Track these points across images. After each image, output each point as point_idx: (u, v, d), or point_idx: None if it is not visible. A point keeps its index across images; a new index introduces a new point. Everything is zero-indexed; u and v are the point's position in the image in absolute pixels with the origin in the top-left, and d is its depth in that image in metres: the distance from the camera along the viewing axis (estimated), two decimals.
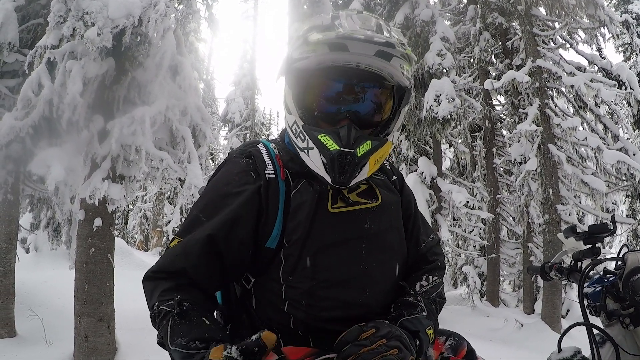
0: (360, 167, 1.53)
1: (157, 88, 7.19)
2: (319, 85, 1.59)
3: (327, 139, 1.49)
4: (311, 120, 1.58)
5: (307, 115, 1.59)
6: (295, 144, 1.60)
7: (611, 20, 13.19)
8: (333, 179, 1.50)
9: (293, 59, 1.61)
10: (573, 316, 14.17)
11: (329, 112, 1.58)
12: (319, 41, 1.52)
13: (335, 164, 1.48)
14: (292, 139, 1.61)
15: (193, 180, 7.70)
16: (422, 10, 13.33)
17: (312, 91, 1.59)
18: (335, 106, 1.57)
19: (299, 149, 1.58)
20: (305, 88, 1.60)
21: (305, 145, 1.55)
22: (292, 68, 1.60)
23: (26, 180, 8.16)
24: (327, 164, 1.50)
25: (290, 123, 1.62)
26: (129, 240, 27.80)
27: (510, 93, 14.86)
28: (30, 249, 14.24)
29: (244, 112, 24.53)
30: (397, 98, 1.63)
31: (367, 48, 1.50)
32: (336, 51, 1.51)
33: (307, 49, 1.57)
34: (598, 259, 2.00)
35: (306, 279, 1.51)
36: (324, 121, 1.57)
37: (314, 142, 1.52)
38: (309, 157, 1.55)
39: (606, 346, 1.84)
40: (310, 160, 1.55)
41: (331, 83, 1.58)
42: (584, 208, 13.92)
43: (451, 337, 1.85)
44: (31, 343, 8.22)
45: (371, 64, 1.53)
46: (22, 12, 8.33)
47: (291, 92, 1.61)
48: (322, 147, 1.50)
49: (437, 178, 13.56)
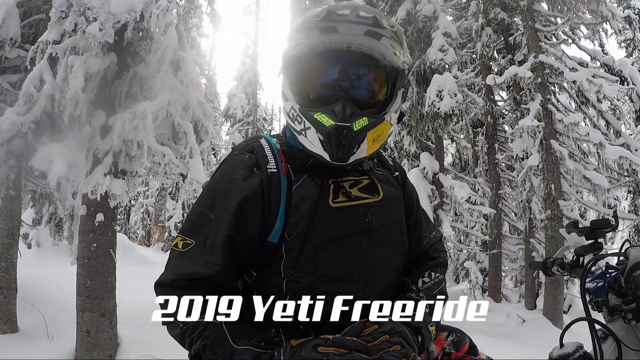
0: (359, 143, 1.52)
1: (159, 83, 7.19)
2: (313, 69, 1.59)
3: (322, 117, 1.50)
4: (307, 104, 1.58)
5: (304, 100, 1.59)
6: (294, 129, 1.60)
7: (613, 15, 13.18)
8: (331, 155, 1.50)
9: (287, 48, 1.65)
10: (575, 312, 14.20)
11: (325, 94, 1.58)
12: (309, 26, 1.56)
13: (332, 139, 1.48)
14: (290, 124, 1.62)
15: (195, 176, 7.71)
16: (424, 5, 13.31)
17: (307, 76, 1.60)
18: (330, 88, 1.57)
19: (297, 133, 1.58)
20: (300, 74, 1.60)
21: (303, 127, 1.55)
22: (287, 57, 1.61)
23: (28, 176, 8.16)
24: (324, 140, 1.50)
25: (288, 109, 1.62)
26: (131, 235, 27.89)
27: (513, 88, 14.85)
28: (32, 245, 14.26)
29: (246, 107, 24.50)
30: (391, 79, 1.62)
31: (356, 28, 1.53)
32: (327, 33, 1.54)
33: (300, 36, 1.61)
34: (600, 255, 1.99)
35: (307, 273, 1.52)
36: (320, 104, 1.57)
37: (310, 121, 1.52)
38: (307, 137, 1.55)
39: (608, 341, 1.84)
40: (308, 140, 1.55)
41: (325, 66, 1.58)
42: (586, 204, 13.92)
43: (453, 333, 1.86)
44: (33, 338, 8.24)
45: (362, 43, 1.53)
46: (23, 7, 8.33)
47: (287, 81, 1.62)
48: (318, 125, 1.50)
49: (439, 173, 13.56)
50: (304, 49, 1.56)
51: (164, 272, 1.53)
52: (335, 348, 1.29)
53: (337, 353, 1.29)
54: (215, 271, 1.47)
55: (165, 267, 1.55)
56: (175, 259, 1.53)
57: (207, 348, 1.43)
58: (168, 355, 6.85)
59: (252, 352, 1.37)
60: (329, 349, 1.29)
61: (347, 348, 1.30)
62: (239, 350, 1.38)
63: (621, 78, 13.16)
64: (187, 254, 1.51)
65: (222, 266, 1.48)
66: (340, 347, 1.30)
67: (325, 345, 1.30)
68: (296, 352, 1.32)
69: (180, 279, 1.48)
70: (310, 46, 1.55)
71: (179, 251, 1.53)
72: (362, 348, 1.32)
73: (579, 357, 1.81)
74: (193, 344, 1.45)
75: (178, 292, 1.46)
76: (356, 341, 1.33)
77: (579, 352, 1.82)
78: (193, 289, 1.46)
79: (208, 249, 1.50)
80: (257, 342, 1.39)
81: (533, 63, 13.11)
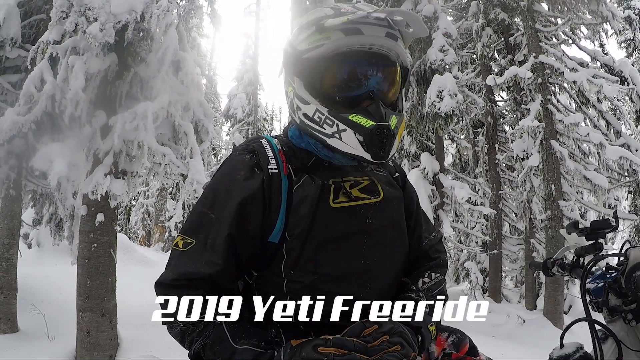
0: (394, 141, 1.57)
1: (159, 83, 7.19)
2: (337, 70, 1.58)
3: (360, 118, 1.51)
4: (332, 105, 1.58)
5: (328, 102, 1.58)
6: (321, 132, 1.58)
7: (614, 16, 13.18)
8: (375, 154, 1.52)
9: (301, 50, 1.61)
10: (575, 312, 14.21)
11: (352, 95, 1.58)
12: (333, 27, 1.54)
13: (374, 139, 1.50)
14: (315, 128, 1.59)
15: (195, 176, 7.71)
16: (424, 5, 13.31)
17: (331, 77, 1.59)
18: (356, 89, 1.58)
19: (326, 136, 1.57)
20: (322, 75, 1.59)
21: (335, 130, 1.54)
22: (303, 59, 1.60)
23: (28, 176, 8.17)
24: (364, 141, 1.51)
25: (311, 113, 1.60)
26: (131, 235, 27.89)
27: (513, 89, 14.86)
28: (33, 245, 14.27)
29: (246, 107, 24.50)
30: (403, 79, 1.67)
31: (378, 30, 1.53)
32: (351, 35, 1.53)
33: (318, 37, 1.58)
34: (600, 255, 1.99)
35: (307, 273, 1.52)
36: (345, 105, 1.57)
37: (346, 124, 1.52)
38: (342, 140, 1.54)
39: (608, 342, 1.84)
40: (343, 142, 1.54)
41: (350, 67, 1.58)
42: (586, 204, 13.92)
43: (453, 334, 1.86)
44: (33, 338, 8.24)
45: (383, 44, 1.56)
46: (24, 7, 8.34)
47: (303, 83, 1.61)
48: (357, 126, 1.51)
49: (439, 174, 13.56)
50: (325, 50, 1.55)
51: (164, 271, 1.53)
52: (336, 348, 1.29)
53: (337, 353, 1.29)
54: (215, 271, 1.47)
55: (166, 266, 1.55)
56: (175, 258, 1.53)
57: (207, 348, 1.42)
58: (168, 355, 6.85)
59: (252, 351, 1.37)
60: (329, 349, 1.29)
61: (347, 348, 1.30)
62: (239, 350, 1.38)
63: (621, 78, 13.15)
64: (187, 253, 1.51)
65: (222, 266, 1.48)
66: (340, 347, 1.30)
67: (325, 346, 1.30)
68: (296, 352, 1.32)
69: (181, 279, 1.48)
70: (332, 47, 1.54)
71: (179, 250, 1.53)
72: (362, 349, 1.32)
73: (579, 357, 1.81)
74: (193, 343, 1.45)
75: (178, 291, 1.46)
76: (356, 342, 1.32)
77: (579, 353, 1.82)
78: (193, 289, 1.46)
79: (209, 249, 1.50)
80: (257, 342, 1.39)
81: (533, 63, 13.11)
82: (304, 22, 1.65)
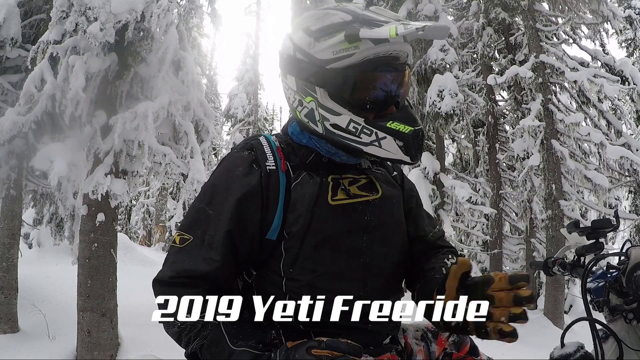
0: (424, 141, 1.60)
1: (159, 83, 7.19)
2: (367, 78, 1.56)
3: (398, 124, 1.53)
4: (363, 113, 1.57)
5: (359, 110, 1.57)
6: (354, 142, 1.57)
7: (614, 15, 13.17)
8: (412, 157, 1.54)
9: (324, 60, 1.56)
10: (576, 312, 14.20)
11: (381, 102, 1.58)
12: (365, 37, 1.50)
13: (413, 144, 1.53)
14: (347, 137, 1.57)
15: (196, 176, 7.72)
16: (425, 5, 13.30)
17: (360, 86, 1.56)
18: (386, 95, 1.58)
19: (363, 145, 1.56)
20: (351, 85, 1.56)
21: (375, 138, 1.54)
22: (327, 69, 1.56)
23: (29, 176, 8.17)
24: (403, 146, 1.53)
25: (344, 124, 1.57)
26: (132, 235, 27.88)
27: (513, 88, 14.84)
28: (33, 245, 14.29)
29: (246, 107, 24.52)
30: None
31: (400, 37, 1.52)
32: (380, 44, 1.52)
33: (347, 46, 1.53)
34: (601, 254, 1.99)
35: (306, 271, 1.52)
36: (374, 111, 1.58)
37: (386, 132, 1.53)
38: (382, 147, 1.54)
39: (609, 341, 1.83)
40: (383, 150, 1.55)
41: (378, 74, 1.57)
42: (587, 204, 13.91)
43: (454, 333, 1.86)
44: (34, 338, 8.24)
45: (402, 49, 1.57)
46: (24, 7, 8.34)
47: (327, 93, 1.58)
48: (397, 133, 1.53)
49: (440, 173, 13.55)
50: (354, 59, 1.53)
51: (162, 268, 1.53)
52: (329, 351, 1.29)
53: (330, 356, 1.28)
54: (214, 268, 1.47)
55: (164, 263, 1.54)
56: (173, 255, 1.53)
57: (204, 348, 1.42)
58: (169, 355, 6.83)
59: (250, 353, 1.36)
60: (322, 352, 1.29)
61: (341, 350, 1.30)
62: (236, 351, 1.37)
63: (622, 78, 13.15)
64: (185, 249, 1.51)
65: (220, 262, 1.48)
66: (333, 349, 1.29)
67: (319, 348, 1.30)
68: (290, 354, 1.31)
69: (179, 276, 1.48)
70: (362, 56, 1.52)
71: (177, 247, 1.53)
72: (356, 351, 1.31)
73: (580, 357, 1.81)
74: (190, 343, 1.44)
75: (176, 290, 1.46)
76: (350, 343, 1.32)
77: (580, 352, 1.82)
78: (191, 287, 1.46)
79: (207, 245, 1.49)
80: (255, 344, 1.38)
81: (534, 63, 13.10)
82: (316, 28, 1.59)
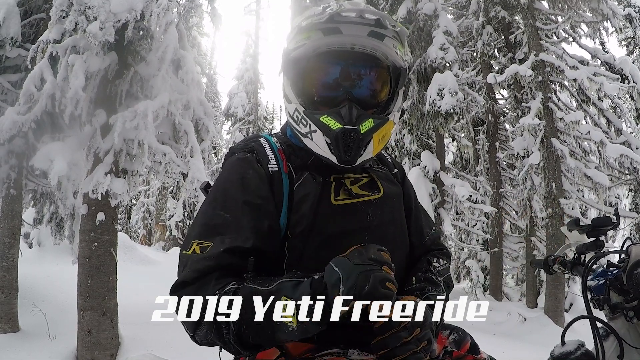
0: (365, 145, 1.54)
1: (159, 82, 7.19)
2: (316, 70, 1.60)
3: (329, 119, 1.50)
4: (311, 106, 1.59)
5: (308, 102, 1.60)
6: (298, 131, 1.60)
7: (614, 13, 13.17)
8: (339, 158, 1.50)
9: (289, 50, 1.63)
10: (576, 310, 14.19)
11: (329, 96, 1.59)
12: (312, 27, 1.55)
13: (339, 142, 1.48)
14: (294, 127, 1.62)
15: (196, 175, 7.71)
16: (424, 4, 13.30)
17: (310, 77, 1.61)
18: (334, 89, 1.58)
19: (302, 135, 1.58)
20: (302, 75, 1.61)
21: (308, 130, 1.55)
22: (288, 58, 1.61)
23: (29, 175, 8.17)
24: (331, 143, 1.50)
25: (291, 111, 1.62)
26: (132, 234, 27.90)
27: (513, 87, 14.87)
28: (33, 244, 14.26)
29: (246, 106, 24.50)
30: (394, 78, 1.65)
31: (359, 29, 1.52)
32: (330, 35, 1.53)
33: (301, 37, 1.59)
34: (601, 252, 1.99)
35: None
36: (325, 105, 1.58)
37: (316, 124, 1.52)
38: (313, 140, 1.55)
39: (610, 339, 1.83)
40: (314, 143, 1.55)
41: (328, 67, 1.59)
42: (587, 202, 13.91)
43: (454, 332, 1.85)
44: (34, 338, 8.23)
45: (365, 44, 1.54)
46: (24, 6, 8.33)
47: (289, 82, 1.63)
48: (325, 128, 1.50)
49: (440, 172, 13.56)
50: (306, 50, 1.56)
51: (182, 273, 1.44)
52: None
53: None
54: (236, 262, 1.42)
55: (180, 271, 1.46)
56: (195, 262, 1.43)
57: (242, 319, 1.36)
58: (169, 354, 6.85)
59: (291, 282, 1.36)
60: None
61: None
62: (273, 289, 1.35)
63: (622, 76, 13.16)
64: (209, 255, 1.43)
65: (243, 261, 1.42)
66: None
67: None
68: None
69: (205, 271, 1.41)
70: (313, 47, 1.55)
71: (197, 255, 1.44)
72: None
73: (580, 355, 1.80)
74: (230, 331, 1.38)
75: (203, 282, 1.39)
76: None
77: (580, 350, 1.82)
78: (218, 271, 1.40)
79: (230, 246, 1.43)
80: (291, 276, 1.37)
81: (534, 61, 13.10)
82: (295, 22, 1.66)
